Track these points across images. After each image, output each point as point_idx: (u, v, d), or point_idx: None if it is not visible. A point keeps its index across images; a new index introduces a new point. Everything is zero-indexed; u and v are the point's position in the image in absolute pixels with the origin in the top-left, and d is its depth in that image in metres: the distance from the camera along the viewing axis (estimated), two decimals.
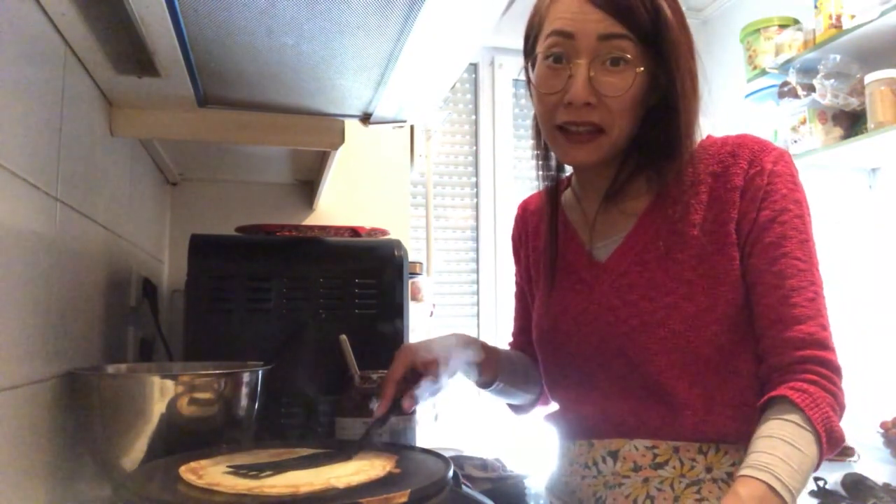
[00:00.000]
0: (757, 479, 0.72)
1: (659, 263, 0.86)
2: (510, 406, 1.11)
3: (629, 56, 0.82)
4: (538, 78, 0.86)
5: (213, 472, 0.72)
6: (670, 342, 0.84)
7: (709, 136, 0.91)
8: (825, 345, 0.80)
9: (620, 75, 0.82)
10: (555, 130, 0.87)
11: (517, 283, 1.11)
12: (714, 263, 0.84)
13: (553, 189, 0.99)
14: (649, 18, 0.82)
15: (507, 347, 1.13)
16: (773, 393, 0.78)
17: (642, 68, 0.82)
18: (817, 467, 0.77)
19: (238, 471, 0.71)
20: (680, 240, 0.86)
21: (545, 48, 0.85)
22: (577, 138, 0.85)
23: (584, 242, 0.95)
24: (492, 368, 0.97)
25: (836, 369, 0.79)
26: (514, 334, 1.13)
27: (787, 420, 0.76)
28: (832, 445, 0.77)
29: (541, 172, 0.98)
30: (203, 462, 0.76)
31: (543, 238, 1.01)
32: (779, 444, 0.74)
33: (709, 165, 0.87)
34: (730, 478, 0.83)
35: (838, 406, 0.78)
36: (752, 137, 0.88)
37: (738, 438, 0.83)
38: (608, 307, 0.88)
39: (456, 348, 0.92)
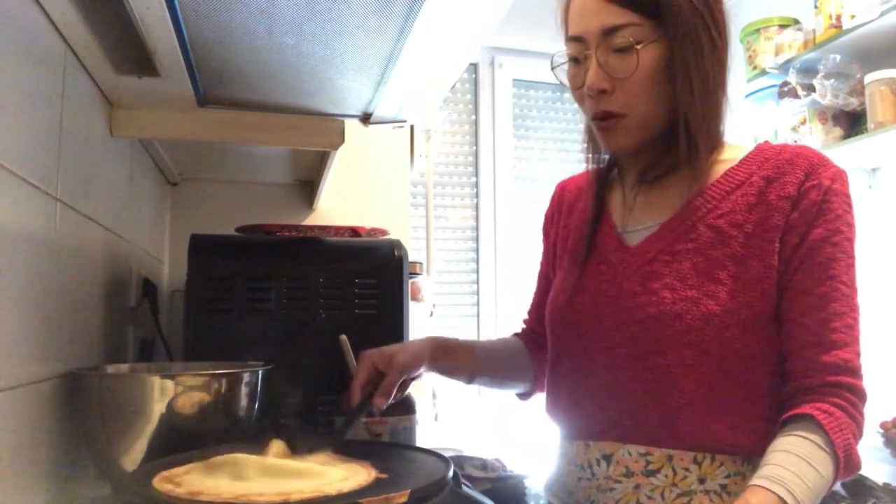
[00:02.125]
0: (769, 490, 0.71)
1: (688, 256, 0.85)
2: (517, 394, 1.13)
3: (632, 40, 0.83)
4: (568, 77, 0.91)
5: (190, 481, 0.70)
6: (684, 338, 0.83)
7: (766, 142, 0.91)
8: (857, 372, 0.80)
9: (627, 58, 0.83)
10: (591, 122, 0.91)
11: (542, 263, 1.12)
12: (748, 268, 0.83)
13: (599, 170, 1.00)
14: None
15: (522, 325, 1.15)
16: (798, 410, 0.78)
17: (640, 45, 0.82)
18: (829, 490, 0.76)
19: None
20: (717, 237, 0.85)
21: (567, 51, 0.89)
22: (606, 126, 0.88)
23: (615, 225, 0.95)
24: (467, 366, 0.99)
25: (863, 396, 0.80)
26: (529, 311, 1.14)
27: (806, 438, 0.76)
28: (848, 471, 0.77)
29: (589, 154, 1.00)
30: (177, 470, 0.73)
31: (577, 216, 1.01)
32: (795, 460, 0.74)
33: (763, 169, 0.87)
34: (723, 490, 0.82)
35: (859, 432, 0.79)
36: (812, 150, 0.87)
37: (734, 449, 0.83)
38: (628, 292, 0.88)
39: (418, 345, 0.96)
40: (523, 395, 1.12)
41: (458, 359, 0.99)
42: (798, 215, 0.83)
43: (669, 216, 0.89)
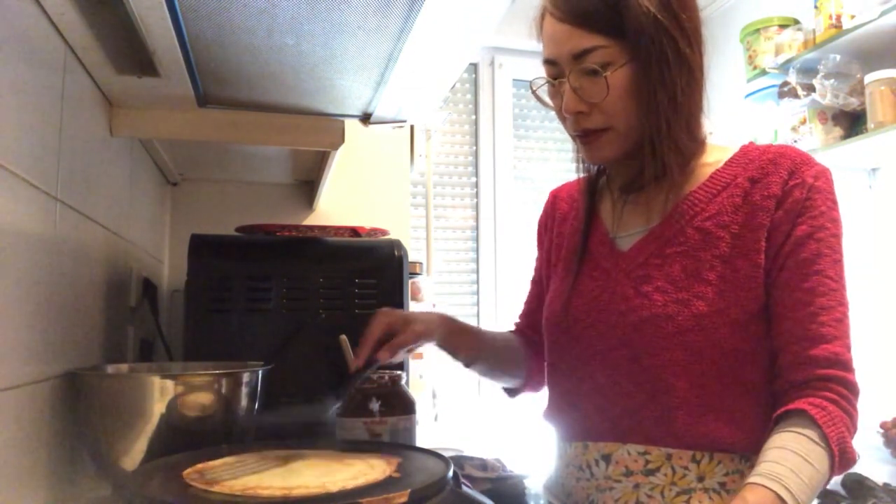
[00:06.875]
0: (766, 487, 0.71)
1: (678, 259, 0.86)
2: (504, 389, 1.14)
3: (601, 65, 0.83)
4: (549, 97, 0.92)
5: (218, 473, 0.71)
6: (675, 339, 0.83)
7: (750, 143, 0.92)
8: (847, 366, 0.80)
9: (598, 81, 0.84)
10: (574, 139, 0.92)
11: (536, 269, 1.12)
12: (736, 268, 0.84)
13: (590, 178, 1.00)
14: (613, 13, 0.82)
15: (513, 326, 1.15)
16: (791, 406, 0.78)
17: (610, 69, 0.83)
18: (825, 485, 0.76)
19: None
20: (704, 239, 0.86)
21: (545, 73, 0.90)
22: (587, 140, 0.89)
23: (607, 231, 0.96)
24: (472, 349, 1.01)
25: (855, 390, 0.80)
26: (521, 316, 1.15)
27: (801, 434, 0.76)
28: (844, 465, 0.77)
29: (578, 164, 1.00)
30: (211, 464, 0.75)
31: (570, 224, 1.02)
32: (790, 456, 0.74)
33: (747, 170, 0.88)
34: (722, 488, 0.83)
35: (853, 426, 0.79)
36: (795, 149, 0.88)
37: (732, 447, 0.83)
38: (621, 296, 0.89)
39: (433, 318, 0.97)
40: (512, 392, 1.13)
41: (464, 341, 1.01)
42: (783, 213, 0.84)
43: (657, 221, 0.90)
